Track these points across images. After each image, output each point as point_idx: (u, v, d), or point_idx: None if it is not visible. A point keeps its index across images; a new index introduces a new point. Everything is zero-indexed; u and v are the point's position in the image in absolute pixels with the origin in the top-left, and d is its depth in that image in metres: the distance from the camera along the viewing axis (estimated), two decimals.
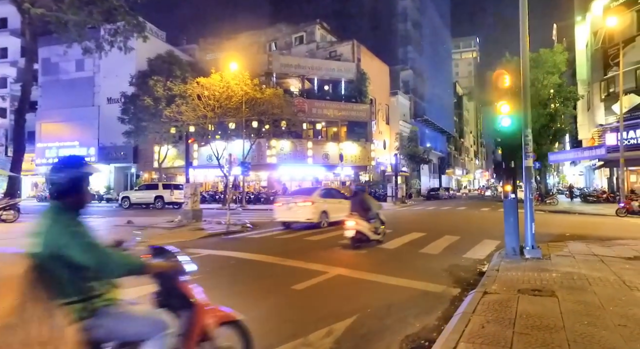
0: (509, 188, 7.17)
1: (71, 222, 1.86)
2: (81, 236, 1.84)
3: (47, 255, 1.77)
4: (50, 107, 37.56)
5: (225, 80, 25.41)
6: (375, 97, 37.73)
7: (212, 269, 6.48)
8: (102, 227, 12.87)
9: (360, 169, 33.94)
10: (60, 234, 1.80)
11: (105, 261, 1.85)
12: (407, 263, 7.30)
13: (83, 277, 1.84)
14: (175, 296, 2.20)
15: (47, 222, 1.84)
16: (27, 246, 1.81)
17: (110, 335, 1.89)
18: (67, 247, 1.77)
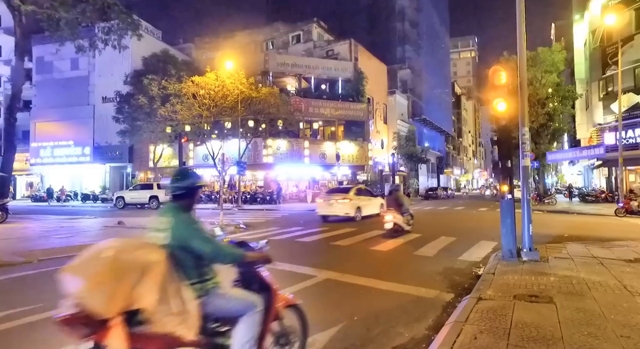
0: (505, 188, 6.91)
1: (190, 220, 2.32)
2: (200, 230, 2.30)
3: (177, 246, 2.21)
4: (44, 106, 37.21)
5: (221, 79, 25.13)
6: (373, 96, 37.50)
7: None
8: (91, 228, 12.59)
9: (357, 168, 33.70)
10: (185, 229, 2.25)
11: (218, 251, 2.30)
12: (400, 265, 7.06)
13: (201, 264, 2.30)
14: (255, 281, 2.63)
15: (171, 220, 2.27)
16: (157, 239, 2.26)
17: (216, 311, 2.32)
18: (191, 239, 2.23)
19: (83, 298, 1.87)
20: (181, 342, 2.07)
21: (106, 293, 1.87)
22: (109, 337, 1.86)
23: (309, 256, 7.87)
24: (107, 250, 1.99)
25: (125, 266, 1.96)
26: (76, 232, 11.45)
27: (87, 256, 1.99)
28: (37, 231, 11.76)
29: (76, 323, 1.88)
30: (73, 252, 8.39)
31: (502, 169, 7.04)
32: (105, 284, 1.88)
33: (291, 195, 33.41)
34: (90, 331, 1.90)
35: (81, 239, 10.09)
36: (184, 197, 2.40)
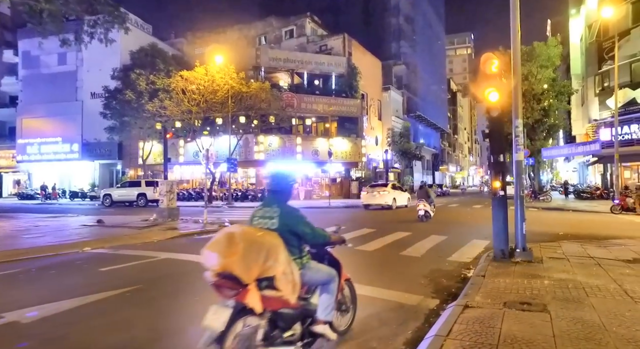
0: (497, 184, 6.44)
1: (293, 209, 2.85)
2: (303, 217, 2.83)
3: (285, 230, 2.72)
4: (31, 102, 36.34)
5: (210, 74, 24.56)
6: (367, 92, 36.98)
7: (157, 278, 5.73)
8: (67, 228, 12.03)
9: (351, 165, 33.23)
10: (292, 217, 2.80)
11: (316, 233, 2.87)
12: (384, 267, 6.58)
13: (301, 243, 2.85)
14: (326, 258, 3.20)
15: (278, 210, 2.80)
16: (265, 225, 2.79)
17: (309, 280, 2.87)
18: (297, 224, 2.78)
19: (229, 268, 2.41)
20: (288, 304, 2.64)
21: (247, 265, 2.43)
22: (248, 297, 2.41)
23: None
24: (236, 233, 2.53)
25: (256, 245, 2.49)
26: (49, 232, 10.89)
27: (221, 237, 2.53)
28: (8, 231, 11.19)
29: (224, 286, 2.46)
30: (35, 254, 7.88)
31: (494, 164, 6.57)
32: (245, 258, 2.42)
33: None
34: (234, 293, 2.44)
35: (51, 239, 9.54)
36: (283, 192, 2.96)
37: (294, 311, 2.73)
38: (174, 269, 6.23)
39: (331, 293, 2.97)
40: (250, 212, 2.99)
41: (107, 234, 10.53)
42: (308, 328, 2.89)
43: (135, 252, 7.88)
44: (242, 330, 2.46)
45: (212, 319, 2.37)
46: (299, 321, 2.82)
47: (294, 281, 2.64)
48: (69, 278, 5.80)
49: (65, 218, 15.63)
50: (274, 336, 2.62)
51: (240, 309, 2.44)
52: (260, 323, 2.54)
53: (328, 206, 23.05)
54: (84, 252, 8.15)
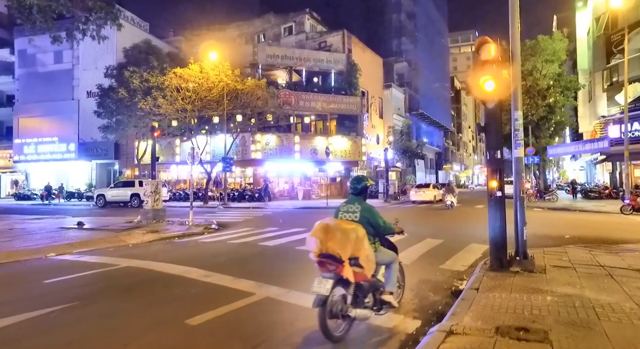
0: (494, 184, 5.71)
1: (369, 206, 3.75)
2: (377, 213, 3.73)
3: (365, 222, 3.60)
4: (28, 101, 35.95)
5: (205, 71, 23.93)
6: (368, 89, 36.20)
7: (102, 292, 5.05)
8: (43, 230, 11.41)
9: (351, 164, 32.48)
10: (369, 212, 3.68)
11: (387, 225, 3.76)
12: None
13: (375, 233, 3.71)
14: (387, 244, 4.03)
15: (359, 206, 3.70)
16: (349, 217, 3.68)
17: (379, 261, 3.68)
18: (374, 218, 3.67)
19: (329, 249, 3.33)
20: (366, 278, 3.49)
21: (343, 247, 3.29)
22: (344, 271, 3.29)
23: (261, 264, 6.67)
24: (331, 224, 3.46)
25: (347, 233, 3.34)
26: (20, 236, 10.29)
27: (320, 227, 3.46)
28: None
29: (326, 263, 3.35)
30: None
31: (490, 161, 5.83)
32: (341, 242, 3.31)
33: (282, 192, 32.27)
34: (333, 268, 3.31)
35: (18, 244, 8.93)
36: (362, 192, 3.81)
37: (368, 283, 3.58)
38: (128, 280, 5.54)
39: (394, 270, 3.83)
40: (244, 213, 2.68)
41: (81, 238, 9.90)
42: (378, 297, 3.71)
43: (99, 259, 7.23)
44: (337, 295, 3.34)
45: (318, 287, 3.24)
46: (371, 292, 3.66)
47: (372, 261, 3.48)
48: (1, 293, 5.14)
49: (49, 220, 15.03)
50: (358, 301, 3.51)
51: (337, 280, 3.30)
52: (349, 291, 3.41)
53: (325, 206, 22.33)
54: (45, 259, 7.52)
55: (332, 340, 3.31)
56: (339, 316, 3.36)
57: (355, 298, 3.47)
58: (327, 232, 3.37)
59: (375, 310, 3.69)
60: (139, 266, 6.38)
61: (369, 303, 3.64)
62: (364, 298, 3.57)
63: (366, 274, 3.45)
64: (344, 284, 3.36)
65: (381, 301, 3.70)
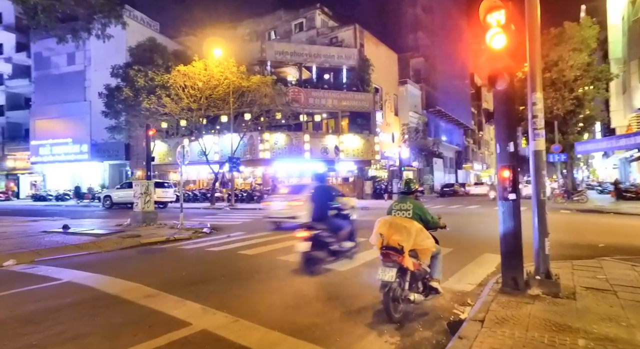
0: (506, 184, 4.49)
1: (420, 204, 4.23)
2: (427, 209, 4.19)
3: (417, 218, 4.07)
4: (43, 103, 36.35)
5: (210, 68, 23.23)
6: (382, 86, 34.86)
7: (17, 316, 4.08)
8: (24, 235, 10.75)
9: (363, 163, 31.22)
10: (420, 209, 4.14)
11: (434, 221, 4.22)
12: (346, 300, 4.71)
13: (427, 226, 4.12)
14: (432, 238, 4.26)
15: (411, 204, 4.17)
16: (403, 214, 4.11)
17: None
18: (425, 214, 4.14)
19: (391, 242, 3.84)
20: (419, 267, 4.01)
21: (404, 240, 3.77)
22: (405, 261, 3.75)
23: (223, 281, 5.62)
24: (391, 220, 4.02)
25: (407, 228, 3.83)
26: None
27: (382, 223, 3.98)
28: None
29: (390, 254, 3.81)
30: None
31: (501, 156, 4.61)
32: (402, 236, 3.79)
33: None
34: (395, 258, 3.77)
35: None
36: (413, 192, 4.40)
37: (420, 272, 4.08)
38: (52, 303, 4.51)
39: (439, 260, 4.31)
40: (247, 215, 3.56)
41: (54, 244, 9.13)
42: (427, 284, 4.16)
43: (48, 271, 6.33)
44: (397, 282, 3.83)
45: (383, 274, 3.78)
46: (421, 279, 4.14)
47: (429, 252, 4.05)
48: None
49: (42, 222, 14.47)
50: (413, 287, 4.06)
51: (398, 268, 3.81)
52: (405, 278, 3.93)
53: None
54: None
55: (394, 320, 3.78)
56: (399, 299, 3.85)
57: (411, 284, 3.99)
58: (390, 227, 3.89)
59: (424, 295, 4.13)
60: (82, 281, 5.44)
61: (420, 289, 4.10)
62: (417, 284, 4.08)
63: (421, 264, 4.00)
64: (402, 272, 3.85)
65: (430, 287, 4.15)
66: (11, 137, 39.97)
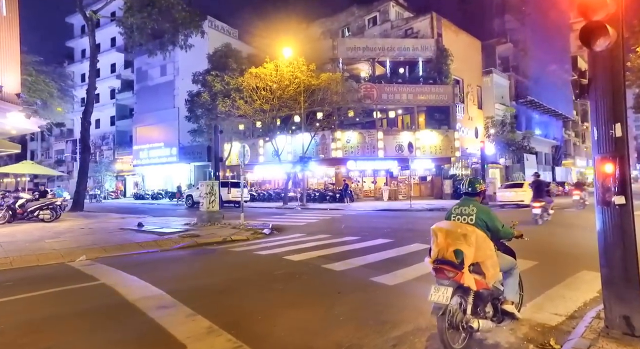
0: (609, 182, 3.20)
1: (486, 208, 3.44)
2: (495, 215, 3.40)
3: (481, 225, 3.29)
4: (142, 112, 40.63)
5: (279, 69, 23.48)
6: (463, 77, 32.11)
7: (37, 320, 3.97)
8: (102, 231, 11.61)
9: (442, 161, 28.98)
10: (486, 214, 3.36)
11: (506, 230, 3.44)
12: (388, 323, 3.80)
13: (492, 237, 3.33)
14: (503, 249, 3.62)
15: (475, 209, 3.37)
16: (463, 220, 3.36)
17: (500, 266, 3.32)
18: (492, 221, 3.34)
19: (445, 255, 3.13)
20: (486, 285, 3.18)
21: (465, 250, 3.06)
22: (464, 278, 3.01)
23: (249, 291, 5.06)
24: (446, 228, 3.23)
25: (466, 237, 3.09)
26: (81, 235, 10.51)
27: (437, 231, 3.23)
28: (47, 232, 11.12)
29: (443, 269, 3.10)
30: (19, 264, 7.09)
31: (600, 142, 3.31)
32: (461, 246, 3.08)
33: (367, 192, 30.42)
34: (452, 275, 3.05)
35: (68, 243, 8.89)
36: (478, 194, 3.56)
37: (488, 292, 3.28)
38: (73, 309, 4.38)
39: (515, 277, 3.56)
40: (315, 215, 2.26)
41: (123, 241, 9.60)
42: (499, 307, 3.39)
43: (97, 269, 6.47)
44: (456, 304, 3.10)
45: (437, 295, 3.02)
46: (490, 301, 3.36)
47: (496, 267, 3.23)
48: None
49: (128, 219, 15.69)
50: (478, 311, 3.25)
51: (456, 287, 3.07)
52: (468, 299, 3.15)
53: (408, 209, 19.88)
54: (63, 265, 7.05)
55: None
56: (459, 327, 3.13)
57: (475, 307, 3.24)
58: (446, 236, 3.20)
59: (496, 321, 3.40)
60: (114, 284, 5.32)
61: (489, 314, 3.37)
62: (484, 307, 3.33)
63: (487, 282, 3.21)
64: (462, 292, 3.15)
65: (502, 311, 3.43)
66: (119, 143, 45.39)
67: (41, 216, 14.75)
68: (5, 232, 11.62)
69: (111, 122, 46.39)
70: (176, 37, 25.23)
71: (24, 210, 14.66)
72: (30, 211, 14.70)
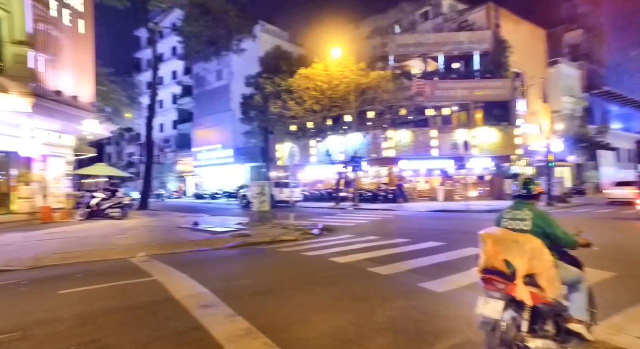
0: None
1: (544, 213, 3.00)
2: (554, 221, 2.95)
3: (538, 232, 2.88)
4: (200, 116, 42.90)
5: (329, 69, 23.51)
6: (524, 70, 29.95)
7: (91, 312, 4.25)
8: (160, 229, 12.34)
9: (502, 159, 27.25)
10: (544, 220, 2.93)
11: (568, 237, 2.95)
12: (431, 334, 3.57)
13: (552, 245, 2.90)
14: (569, 259, 3.13)
15: (530, 213, 2.96)
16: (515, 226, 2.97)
17: (562, 278, 2.87)
18: (551, 227, 2.90)
19: (497, 264, 2.82)
20: (545, 300, 2.74)
21: (516, 260, 2.73)
22: (517, 290, 2.67)
23: (293, 293, 5.02)
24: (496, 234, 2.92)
25: (519, 245, 2.76)
26: (141, 233, 11.27)
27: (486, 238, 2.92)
28: (115, 229, 12.05)
29: (491, 280, 2.81)
30: (85, 258, 7.73)
31: None
32: (513, 255, 2.75)
33: (422, 193, 29.47)
34: (502, 286, 2.74)
35: (130, 240, 9.59)
36: (533, 197, 3.13)
37: (549, 307, 2.81)
38: (125, 302, 4.65)
39: (582, 291, 3.02)
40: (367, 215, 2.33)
41: (179, 239, 10.16)
42: (563, 325, 2.93)
43: (152, 266, 6.83)
44: (508, 320, 2.72)
45: (486, 308, 2.74)
46: (551, 318, 2.88)
47: (556, 279, 2.78)
48: (10, 301, 4.91)
49: (185, 218, 16.49)
50: (536, 328, 2.79)
51: (508, 301, 2.73)
52: (523, 315, 2.73)
53: (465, 210, 18.93)
54: (125, 261, 7.57)
55: None
56: (512, 345, 2.75)
57: (532, 324, 2.80)
58: (495, 243, 2.91)
59: (560, 342, 2.90)
60: (164, 281, 5.57)
61: (550, 332, 2.87)
62: (544, 325, 2.85)
63: (546, 296, 2.77)
64: (516, 306, 2.77)
65: (568, 330, 2.94)
66: (180, 145, 48.28)
67: (111, 213, 16.05)
68: (82, 228, 12.83)
69: (173, 126, 49.55)
70: (230, 43, 26.33)
71: (98, 208, 16.08)
72: (102, 209, 16.08)
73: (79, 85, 15.55)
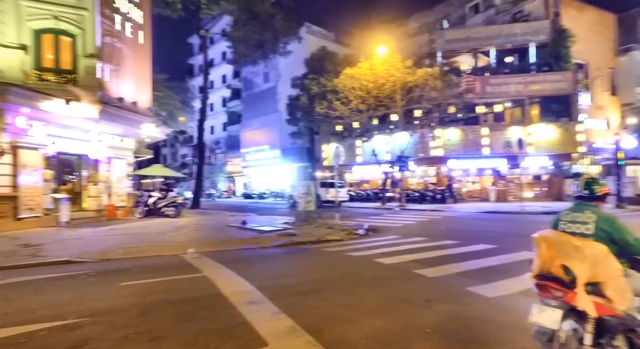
0: None
1: (610, 216, 2.71)
2: (623, 225, 2.66)
3: (602, 237, 2.61)
4: (248, 118, 44.26)
5: (375, 68, 23.28)
6: (588, 60, 27.71)
7: (144, 305, 4.54)
8: (210, 228, 12.88)
9: (561, 157, 25.43)
10: (610, 224, 2.65)
11: (637, 242, 2.62)
12: (478, 343, 3.43)
13: (620, 252, 2.62)
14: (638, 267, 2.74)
15: (594, 216, 2.70)
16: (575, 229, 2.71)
17: (635, 289, 2.58)
18: (618, 232, 2.62)
19: (554, 270, 2.56)
20: (613, 311, 2.46)
21: (576, 267, 2.46)
22: (578, 299, 2.41)
23: (335, 293, 5.02)
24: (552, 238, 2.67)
25: (581, 249, 2.49)
26: (194, 230, 11.86)
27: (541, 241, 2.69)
28: (168, 227, 12.78)
29: (547, 286, 2.58)
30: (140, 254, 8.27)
31: None
32: (573, 260, 2.49)
33: (472, 193, 28.30)
34: (560, 294, 2.50)
35: (182, 237, 10.21)
36: (597, 198, 2.84)
37: (618, 320, 2.52)
38: (175, 296, 4.92)
39: None
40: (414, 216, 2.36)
41: (228, 237, 10.57)
42: (637, 342, 2.60)
43: (203, 263, 7.15)
44: (568, 331, 2.49)
45: (541, 317, 2.52)
46: (622, 332, 2.57)
47: (626, 289, 2.53)
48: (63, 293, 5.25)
49: (236, 217, 17.02)
50: (603, 343, 2.53)
51: (568, 310, 2.50)
52: (586, 327, 2.49)
53: (519, 211, 17.94)
54: (176, 256, 8.01)
55: None
56: None
57: (597, 338, 2.53)
58: (550, 246, 2.66)
59: None
60: (214, 278, 5.81)
61: (619, 348, 2.57)
62: (612, 340, 2.56)
63: (615, 308, 2.50)
64: (577, 317, 2.52)
65: None
66: (230, 147, 50.14)
67: (167, 212, 17.05)
68: (141, 225, 13.75)
69: (223, 128, 51.53)
70: (276, 46, 26.92)
71: (155, 207, 17.16)
72: (158, 207, 17.13)
73: (138, 92, 16.71)
